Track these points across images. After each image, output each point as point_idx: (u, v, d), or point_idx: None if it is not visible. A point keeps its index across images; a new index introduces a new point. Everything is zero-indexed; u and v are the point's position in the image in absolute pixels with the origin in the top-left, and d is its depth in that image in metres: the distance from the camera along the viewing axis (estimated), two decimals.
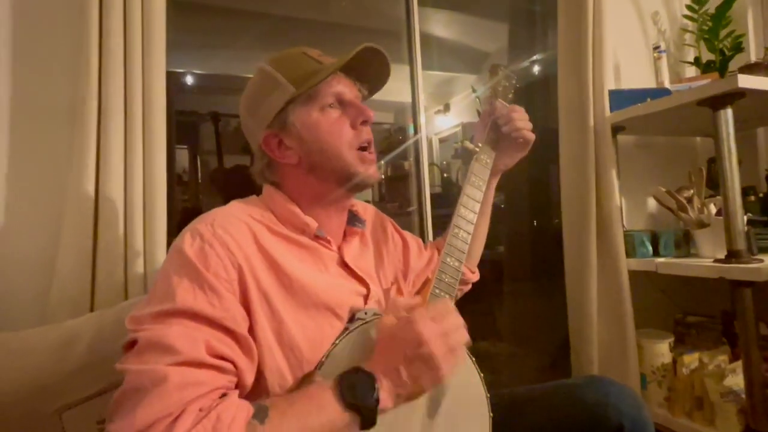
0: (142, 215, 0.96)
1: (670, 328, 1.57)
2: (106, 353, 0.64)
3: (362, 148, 0.68)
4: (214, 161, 2.05)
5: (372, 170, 0.68)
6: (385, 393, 0.52)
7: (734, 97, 1.21)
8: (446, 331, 0.54)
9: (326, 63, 0.67)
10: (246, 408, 0.48)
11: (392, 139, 3.78)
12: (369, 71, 0.71)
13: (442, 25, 2.86)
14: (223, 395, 0.49)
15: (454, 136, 3.29)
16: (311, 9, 2.64)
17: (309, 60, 0.67)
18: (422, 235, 1.57)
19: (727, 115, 1.22)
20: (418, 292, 0.87)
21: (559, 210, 1.56)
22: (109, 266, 0.93)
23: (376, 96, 0.81)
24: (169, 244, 0.98)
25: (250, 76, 0.72)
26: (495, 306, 2.09)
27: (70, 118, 0.98)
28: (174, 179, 1.55)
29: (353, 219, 0.75)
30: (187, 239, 0.56)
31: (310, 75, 0.64)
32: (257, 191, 0.73)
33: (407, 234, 0.92)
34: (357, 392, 0.51)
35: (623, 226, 1.49)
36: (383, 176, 2.33)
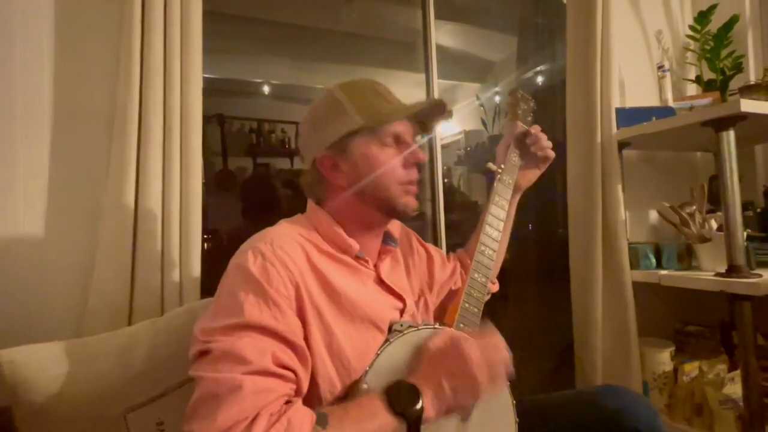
0: (179, 223, 1.00)
1: (670, 337, 1.64)
2: (163, 359, 0.69)
3: (408, 183, 0.74)
4: (219, 162, 2.10)
5: (412, 203, 0.74)
6: (428, 403, 0.58)
7: (736, 119, 1.27)
8: (493, 363, 0.61)
9: (394, 103, 0.73)
10: (310, 414, 0.53)
11: None
12: (429, 114, 0.78)
13: (448, 36, 2.92)
14: (287, 402, 0.54)
15: (456, 143, 3.35)
16: (321, 18, 2.70)
17: (378, 97, 0.73)
18: (435, 240, 1.63)
19: (730, 136, 1.29)
20: (447, 306, 0.92)
21: (564, 219, 1.62)
22: (147, 274, 0.97)
23: None
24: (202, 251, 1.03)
25: (257, 80, 0.77)
26: (500, 312, 2.15)
27: (107, 126, 1.02)
28: None
29: (387, 238, 0.80)
30: (250, 257, 0.60)
31: (377, 113, 0.71)
32: (260, 192, 0.79)
33: (431, 246, 0.97)
34: (404, 401, 0.56)
35: (627, 238, 1.55)
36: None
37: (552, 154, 0.91)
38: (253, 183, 1.91)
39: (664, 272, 1.45)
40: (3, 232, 0.96)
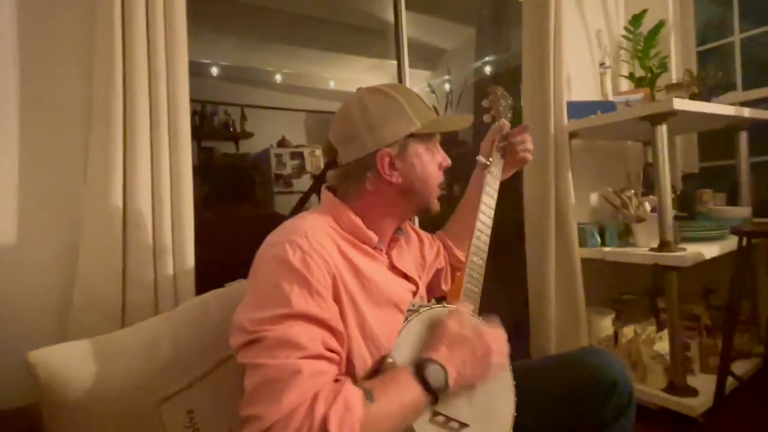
0: (170, 214, 0.98)
1: (609, 305, 1.87)
2: (186, 351, 0.70)
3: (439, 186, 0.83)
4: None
5: (437, 204, 0.83)
6: (452, 379, 0.66)
7: (668, 115, 1.47)
8: (502, 353, 0.74)
9: (433, 111, 0.81)
10: (359, 391, 0.58)
11: None
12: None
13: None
14: (336, 381, 0.60)
15: None
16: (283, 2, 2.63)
17: (423, 103, 0.80)
18: None
19: (663, 129, 1.48)
20: (450, 287, 1.01)
21: (516, 203, 1.76)
22: (139, 268, 0.95)
23: (343, 86, 0.94)
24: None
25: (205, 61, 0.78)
26: None
27: (81, 118, 0.97)
28: None
29: (397, 228, 0.86)
30: (288, 250, 0.64)
31: (431, 119, 0.79)
32: (228, 176, 0.81)
33: (418, 230, 1.05)
34: (432, 378, 0.64)
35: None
36: None
37: (529, 157, 1.01)
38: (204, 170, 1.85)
39: (607, 249, 1.65)
40: None
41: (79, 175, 0.98)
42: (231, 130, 3.50)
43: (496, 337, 0.73)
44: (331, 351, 0.62)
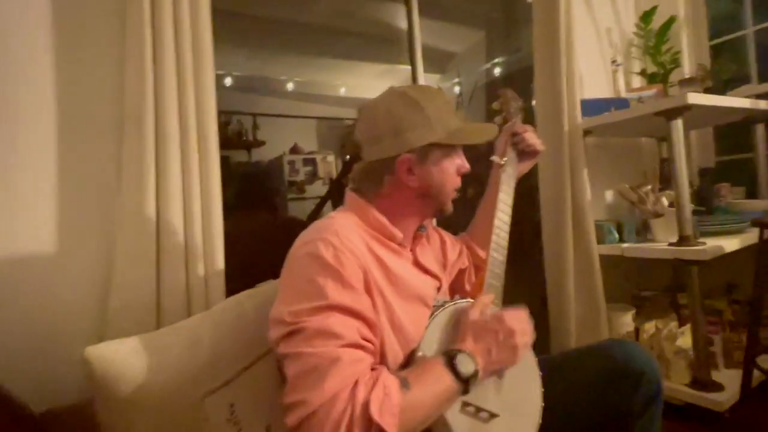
0: (200, 219, 1.02)
1: (628, 301, 1.86)
2: (226, 348, 0.74)
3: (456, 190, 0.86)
4: None
5: (451, 207, 0.86)
6: (481, 367, 0.68)
7: (683, 109, 1.47)
8: (526, 333, 0.74)
9: (459, 117, 0.83)
10: (396, 378, 0.61)
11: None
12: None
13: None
14: (372, 369, 0.62)
15: None
16: (284, 10, 2.69)
17: (451, 112, 0.82)
18: None
19: (678, 124, 1.49)
20: (473, 282, 1.03)
21: (533, 202, 1.77)
22: (173, 272, 0.99)
23: (354, 93, 0.97)
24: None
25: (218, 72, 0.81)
26: None
27: (114, 129, 1.01)
28: None
29: (419, 226, 0.89)
30: (321, 247, 0.67)
31: (454, 129, 0.80)
32: (249, 183, 0.84)
33: (441, 230, 1.07)
34: (463, 366, 0.66)
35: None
36: None
37: (540, 147, 1.04)
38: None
39: (626, 245, 1.65)
40: (15, 244, 0.93)
41: (113, 185, 1.02)
42: (244, 138, 3.57)
43: (516, 317, 0.73)
44: (367, 341, 0.64)
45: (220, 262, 1.05)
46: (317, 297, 0.63)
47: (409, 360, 0.71)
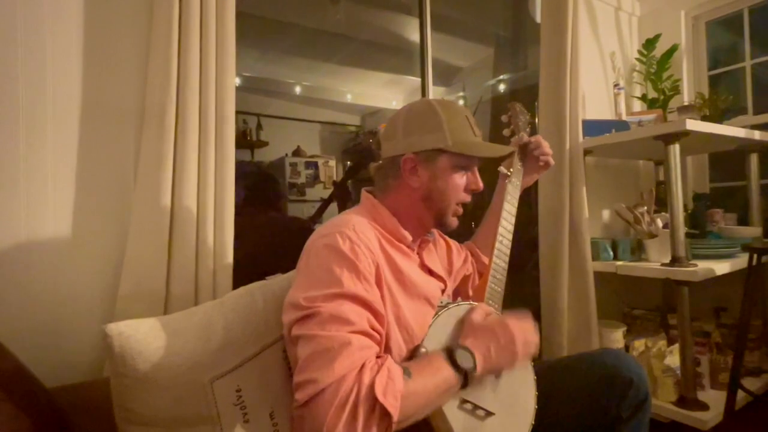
0: (213, 214, 1.06)
1: (619, 319, 1.90)
2: (237, 335, 0.76)
3: (461, 204, 0.88)
4: None
5: (454, 223, 0.88)
6: (479, 363, 0.71)
7: (681, 135, 1.52)
8: (528, 342, 0.77)
9: (478, 135, 0.86)
10: (399, 366, 0.64)
11: (362, 141, 3.95)
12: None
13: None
14: (378, 356, 0.66)
15: None
16: (292, 13, 2.74)
17: (468, 126, 0.85)
18: None
19: (676, 149, 1.54)
20: (476, 286, 1.06)
21: (531, 218, 1.82)
22: (184, 262, 1.02)
23: (359, 100, 1.00)
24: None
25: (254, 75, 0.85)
26: None
27: (134, 123, 1.05)
28: None
29: (427, 232, 0.92)
30: (339, 240, 0.71)
31: (466, 141, 0.83)
32: (257, 182, 0.86)
33: (447, 238, 1.11)
34: (462, 360, 0.69)
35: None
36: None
37: (552, 161, 1.08)
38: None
39: (620, 263, 1.70)
40: (32, 228, 0.96)
41: (130, 175, 1.05)
42: (247, 138, 3.61)
43: (521, 327, 0.77)
44: (375, 330, 0.68)
45: (229, 255, 1.08)
46: (333, 284, 0.67)
47: (412, 355, 0.75)
